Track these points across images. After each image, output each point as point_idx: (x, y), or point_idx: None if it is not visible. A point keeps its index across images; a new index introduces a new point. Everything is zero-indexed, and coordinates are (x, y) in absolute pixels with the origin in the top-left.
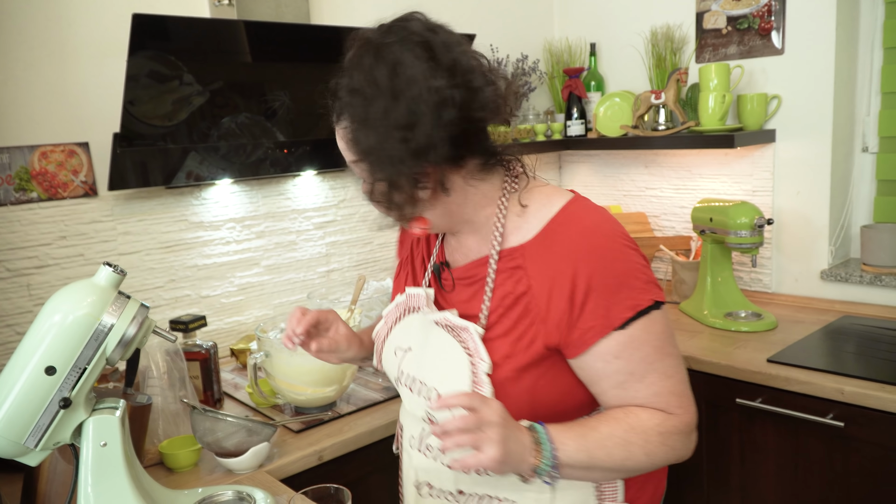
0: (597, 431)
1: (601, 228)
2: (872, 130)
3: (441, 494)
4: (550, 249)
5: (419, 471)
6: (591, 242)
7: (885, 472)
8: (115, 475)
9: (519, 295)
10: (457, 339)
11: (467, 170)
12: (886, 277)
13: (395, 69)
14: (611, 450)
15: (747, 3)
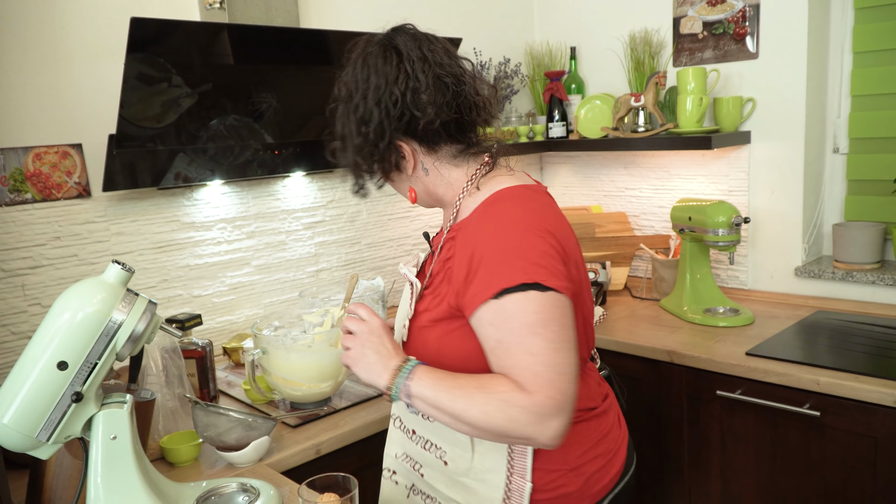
0: (453, 379)
1: (509, 213)
2: (843, 132)
3: (404, 429)
4: (471, 225)
5: (397, 405)
6: (494, 221)
7: (859, 459)
8: (125, 468)
9: (446, 260)
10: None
11: (440, 156)
12: (857, 273)
13: (371, 73)
14: (456, 397)
15: (722, 8)
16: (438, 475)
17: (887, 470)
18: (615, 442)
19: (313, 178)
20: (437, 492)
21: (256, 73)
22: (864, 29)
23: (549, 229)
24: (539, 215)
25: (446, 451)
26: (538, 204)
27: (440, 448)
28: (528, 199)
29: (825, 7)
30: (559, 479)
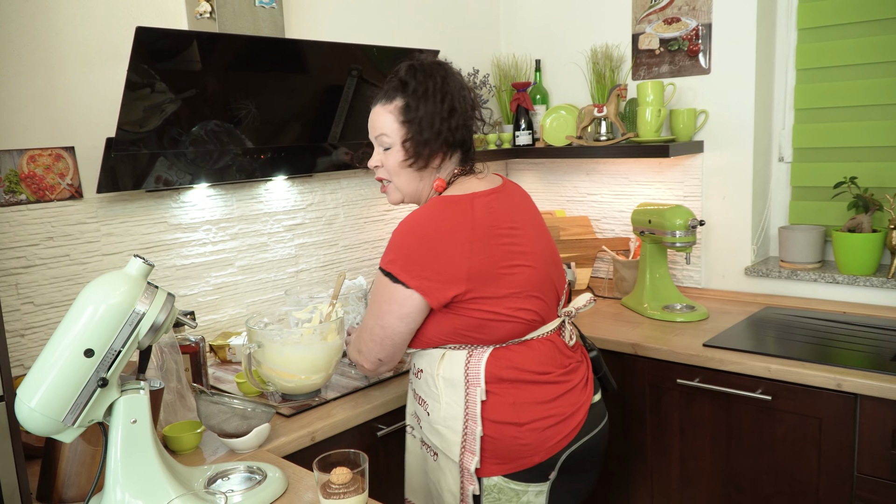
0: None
1: (414, 215)
2: (787, 142)
3: (411, 391)
4: None
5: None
6: (410, 218)
7: (805, 438)
8: (144, 450)
9: None
10: None
11: (444, 159)
12: (801, 273)
13: (446, 80)
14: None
15: (678, 27)
16: (427, 425)
17: (831, 448)
18: (571, 406)
19: (294, 182)
20: (428, 439)
21: (239, 80)
22: (806, 48)
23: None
24: (430, 220)
25: (429, 404)
26: (439, 211)
27: (425, 402)
28: (436, 208)
29: (771, 27)
30: (512, 431)
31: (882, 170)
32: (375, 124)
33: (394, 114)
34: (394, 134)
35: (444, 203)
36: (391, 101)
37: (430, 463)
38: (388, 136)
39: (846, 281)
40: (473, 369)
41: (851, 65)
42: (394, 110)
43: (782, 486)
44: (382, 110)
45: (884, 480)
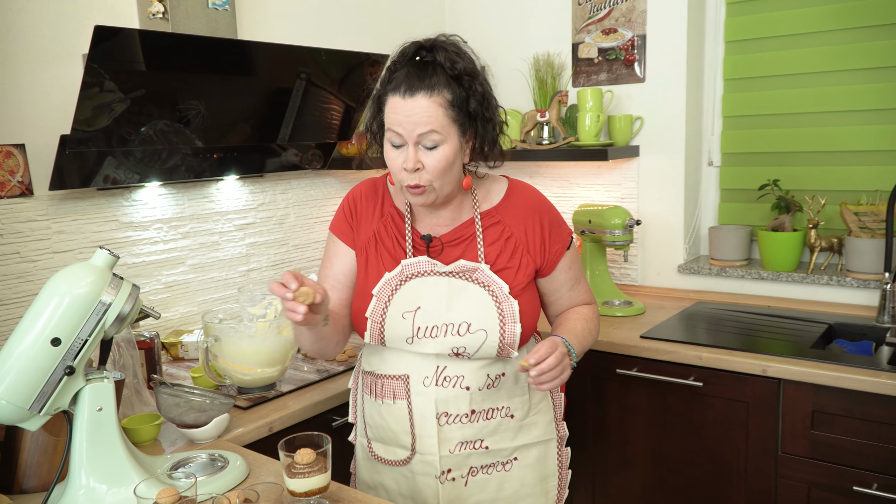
0: (574, 328)
1: (537, 192)
2: (716, 148)
3: (457, 419)
4: (515, 207)
5: (438, 402)
6: (540, 199)
7: (732, 421)
8: (109, 438)
9: (506, 239)
10: (469, 280)
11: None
12: (729, 269)
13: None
14: (587, 339)
15: (615, 37)
16: (506, 433)
17: (756, 430)
18: None
19: (245, 182)
20: (500, 452)
21: (189, 81)
22: (732, 59)
23: None
24: None
25: (510, 406)
26: None
27: (504, 407)
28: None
29: (700, 39)
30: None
31: (802, 173)
32: (420, 119)
33: (445, 107)
34: (446, 129)
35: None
36: (438, 90)
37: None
38: (438, 133)
39: (770, 277)
40: None
41: (774, 75)
42: (444, 102)
43: (711, 467)
44: (429, 102)
45: (804, 458)
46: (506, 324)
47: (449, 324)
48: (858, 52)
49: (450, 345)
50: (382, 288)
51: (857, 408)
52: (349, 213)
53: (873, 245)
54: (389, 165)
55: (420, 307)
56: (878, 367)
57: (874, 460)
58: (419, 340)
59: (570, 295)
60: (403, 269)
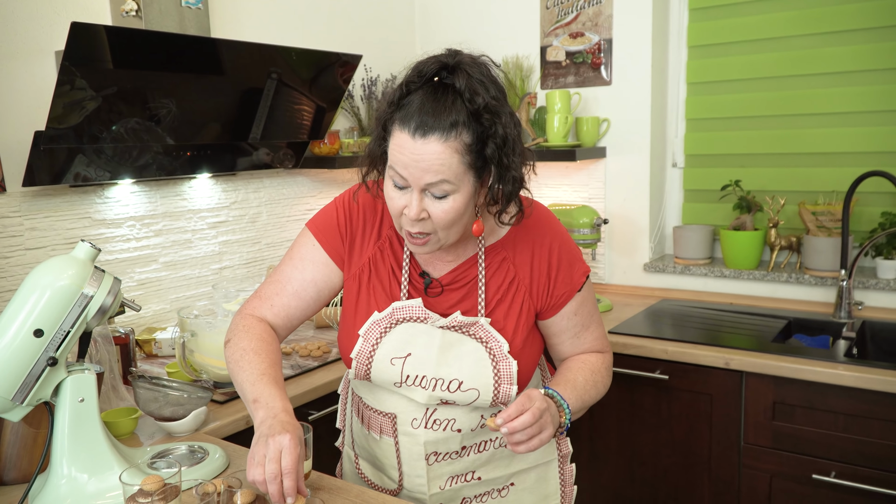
0: (575, 380)
1: (553, 218)
2: (680, 149)
3: (447, 457)
4: (525, 238)
5: (427, 444)
6: (553, 229)
7: (698, 413)
8: (91, 428)
9: (510, 281)
10: (466, 334)
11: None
12: (693, 268)
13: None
14: (590, 392)
15: (582, 41)
16: (500, 461)
17: (720, 420)
18: None
19: (217, 180)
20: (495, 481)
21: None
22: (695, 64)
23: None
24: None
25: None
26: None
27: (498, 437)
28: (543, 205)
29: (664, 44)
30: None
31: (763, 174)
32: (430, 167)
33: (461, 153)
34: (460, 178)
35: (540, 203)
36: (455, 133)
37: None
38: (450, 183)
39: (732, 275)
40: None
41: (735, 80)
42: (461, 147)
43: (679, 458)
44: (443, 148)
45: (765, 448)
46: (501, 384)
47: (439, 379)
48: (816, 58)
49: (439, 397)
50: (370, 329)
51: (816, 399)
52: (344, 226)
53: (830, 244)
54: (389, 205)
55: (411, 354)
56: (836, 359)
57: (832, 449)
58: (408, 387)
59: (574, 342)
60: (394, 311)
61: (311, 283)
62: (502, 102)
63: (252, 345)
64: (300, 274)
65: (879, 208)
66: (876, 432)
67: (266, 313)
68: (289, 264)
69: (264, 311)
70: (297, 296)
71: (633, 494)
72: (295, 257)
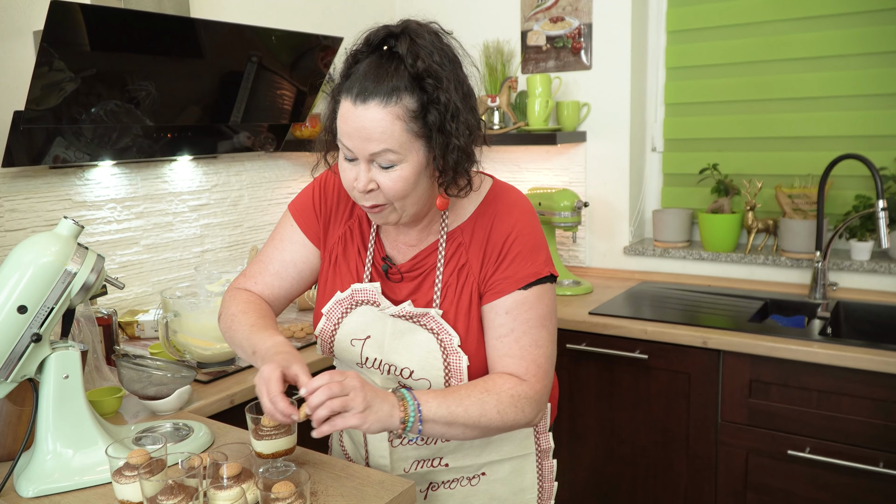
0: (456, 391)
1: (524, 203)
2: (659, 134)
3: (411, 442)
4: (485, 222)
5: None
6: (518, 216)
7: (676, 391)
8: (76, 405)
9: (460, 268)
10: (417, 324)
11: None
12: (672, 251)
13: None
14: (468, 407)
15: (562, 26)
16: (469, 451)
17: (698, 398)
18: None
19: (199, 162)
20: (465, 469)
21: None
22: (674, 49)
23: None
24: (530, 202)
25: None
26: (521, 192)
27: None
28: (518, 190)
29: (644, 29)
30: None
31: (740, 158)
32: (372, 134)
33: (404, 119)
34: (406, 146)
35: (516, 188)
36: (396, 98)
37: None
38: (394, 152)
39: (710, 257)
40: None
41: (713, 64)
42: (403, 113)
43: (657, 436)
44: (384, 114)
45: (741, 425)
46: (451, 378)
47: (392, 365)
48: (793, 43)
49: (394, 382)
50: (333, 308)
51: (792, 376)
52: (318, 204)
53: (805, 226)
54: (342, 179)
55: (370, 336)
56: (810, 338)
57: (806, 426)
58: (367, 369)
59: (495, 345)
60: (353, 293)
61: (290, 263)
62: (448, 69)
63: (240, 307)
64: (280, 254)
65: (854, 191)
66: (846, 408)
67: (251, 289)
68: (271, 245)
69: (249, 287)
70: (279, 276)
71: (612, 472)
72: (276, 238)
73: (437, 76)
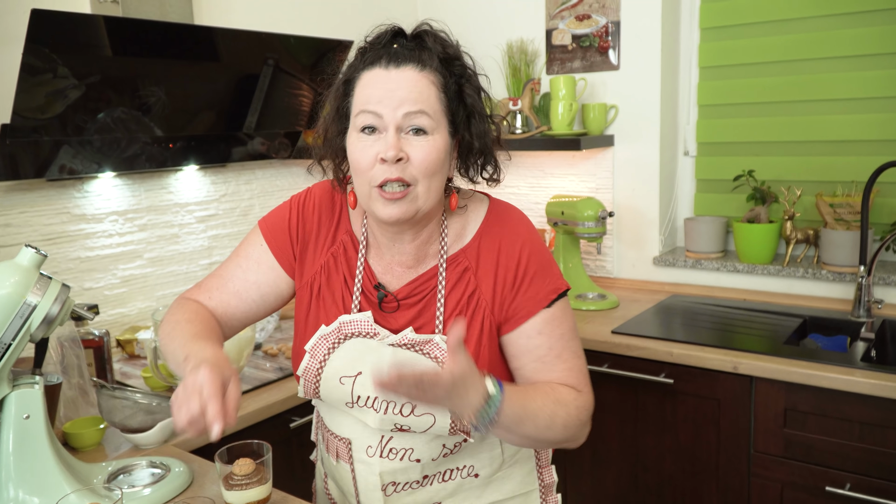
0: (534, 401)
1: (526, 223)
2: (692, 137)
3: (407, 486)
4: (492, 245)
5: (383, 474)
6: (525, 234)
7: (704, 418)
8: (38, 447)
9: (469, 294)
10: (420, 353)
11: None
12: (705, 262)
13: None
14: (539, 418)
15: (588, 24)
16: (470, 492)
17: (729, 427)
18: None
19: (206, 171)
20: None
21: (146, 66)
22: (708, 47)
23: None
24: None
25: (474, 464)
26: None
27: (466, 466)
28: (516, 208)
29: (675, 26)
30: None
31: (777, 163)
32: (408, 95)
33: (438, 88)
34: (438, 116)
35: (513, 206)
36: (430, 67)
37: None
38: (430, 117)
39: (746, 269)
40: None
41: (750, 63)
42: (437, 82)
43: (684, 465)
44: (420, 76)
45: (776, 457)
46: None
47: (391, 402)
48: (835, 40)
49: (392, 421)
50: (317, 344)
51: (830, 406)
52: (295, 229)
53: (848, 237)
54: (358, 161)
55: (361, 373)
56: (851, 364)
57: (847, 460)
58: (360, 409)
59: (539, 368)
60: (342, 326)
61: (254, 284)
62: (470, 68)
63: (186, 316)
64: (243, 273)
65: None
66: (891, 442)
67: (205, 303)
68: (234, 261)
69: (202, 300)
70: (238, 296)
71: (637, 500)
72: (241, 255)
73: (464, 63)
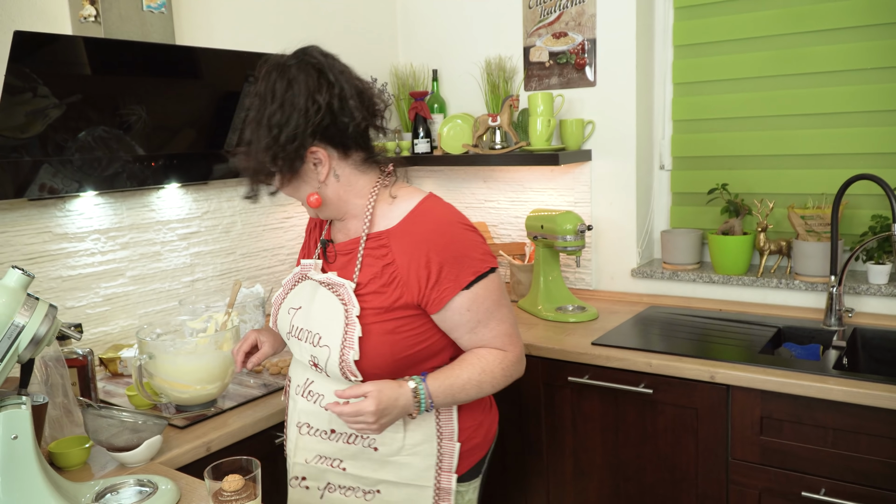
0: (459, 379)
1: (444, 218)
2: (667, 151)
3: (317, 433)
4: (409, 234)
5: (301, 413)
6: (438, 230)
7: (683, 427)
8: (27, 467)
9: (385, 265)
10: (335, 294)
11: (349, 163)
12: (682, 273)
13: (290, 84)
14: (469, 391)
15: (565, 41)
16: (366, 462)
17: (707, 435)
18: (491, 397)
19: (188, 189)
20: (361, 479)
21: (126, 85)
22: (681, 64)
23: (470, 223)
24: (459, 214)
25: (375, 438)
26: (452, 207)
27: (368, 437)
28: (447, 206)
29: (650, 44)
30: (472, 433)
31: (750, 177)
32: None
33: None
34: (284, 173)
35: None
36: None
37: None
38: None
39: (721, 280)
40: None
41: (722, 80)
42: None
43: (664, 474)
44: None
45: (754, 464)
46: (345, 347)
47: (308, 331)
48: (805, 58)
49: (308, 352)
50: (289, 280)
51: (805, 413)
52: (309, 225)
53: (820, 248)
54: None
55: (301, 307)
56: (824, 372)
57: (822, 465)
58: (291, 338)
59: (471, 337)
60: (302, 268)
61: None
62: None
63: None
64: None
65: (870, 211)
66: (864, 447)
67: None
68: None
69: None
70: None
71: None
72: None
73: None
